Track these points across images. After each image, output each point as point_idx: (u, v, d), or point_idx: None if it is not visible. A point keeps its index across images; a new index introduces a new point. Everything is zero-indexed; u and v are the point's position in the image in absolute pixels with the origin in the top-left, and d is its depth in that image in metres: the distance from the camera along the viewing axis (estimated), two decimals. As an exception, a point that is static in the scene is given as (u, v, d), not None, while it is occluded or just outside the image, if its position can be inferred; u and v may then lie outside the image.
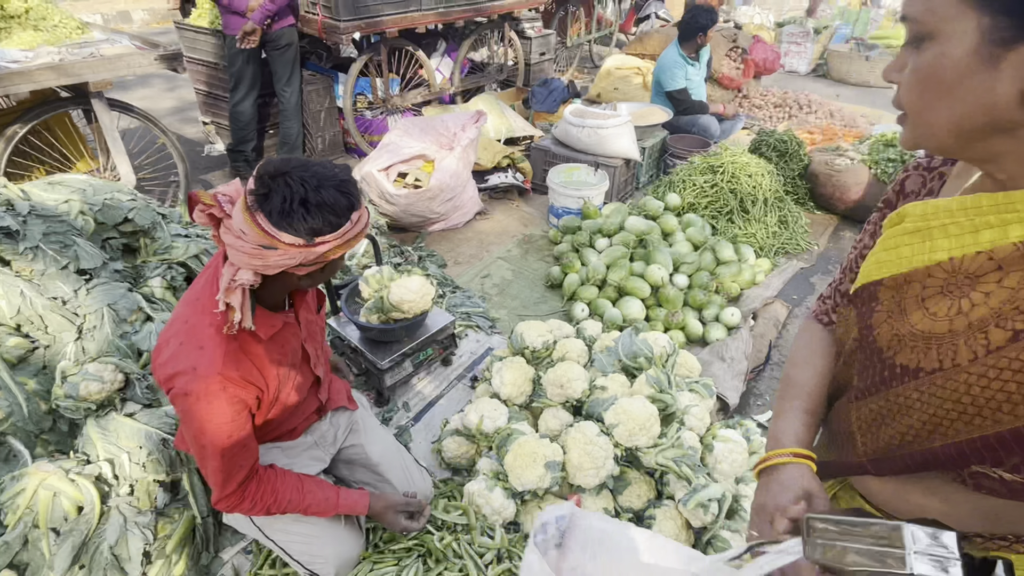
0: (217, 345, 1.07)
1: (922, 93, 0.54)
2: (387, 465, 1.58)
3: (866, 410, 0.68)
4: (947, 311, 0.59)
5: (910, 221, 0.62)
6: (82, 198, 2.00)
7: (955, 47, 0.51)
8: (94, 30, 2.98)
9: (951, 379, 0.57)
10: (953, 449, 0.58)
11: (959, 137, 0.54)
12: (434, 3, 3.90)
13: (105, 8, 8.74)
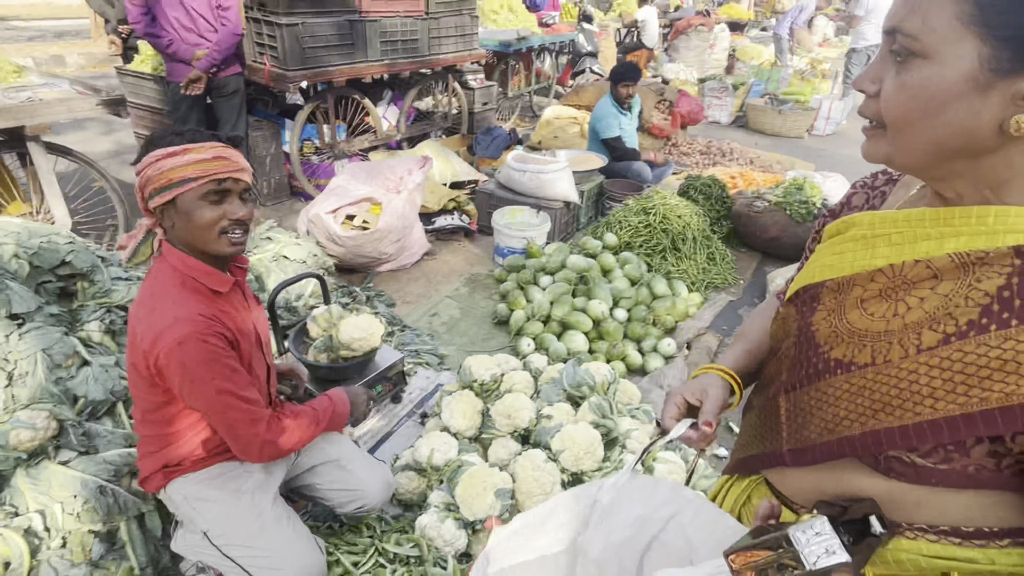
0: (188, 299, 1.22)
1: (908, 110, 0.56)
2: (348, 458, 1.62)
3: (796, 401, 0.70)
4: (884, 312, 0.62)
5: (857, 229, 0.66)
6: (16, 241, 1.95)
7: (950, 70, 0.52)
8: (31, 74, 2.94)
9: (881, 373, 0.60)
10: (871, 437, 0.60)
11: (934, 156, 0.57)
12: (380, 55, 4.07)
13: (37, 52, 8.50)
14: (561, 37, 7.28)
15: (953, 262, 0.57)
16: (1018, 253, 0.54)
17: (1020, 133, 0.52)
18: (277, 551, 1.41)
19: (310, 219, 3.06)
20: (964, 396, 0.54)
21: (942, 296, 0.58)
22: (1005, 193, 0.57)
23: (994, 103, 0.52)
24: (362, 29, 3.87)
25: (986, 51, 0.51)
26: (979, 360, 0.54)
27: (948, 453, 0.57)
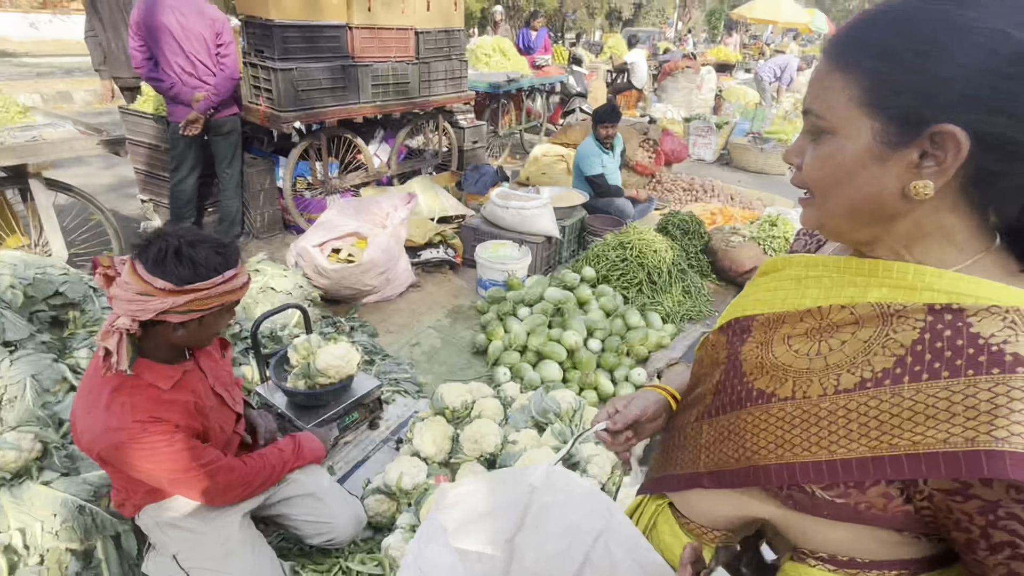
0: (122, 403, 1.22)
1: (823, 179, 0.61)
2: (323, 492, 1.69)
3: (718, 426, 0.73)
4: (808, 351, 0.65)
5: (792, 269, 0.71)
6: (12, 272, 2.07)
7: (852, 143, 0.58)
8: (36, 114, 3.11)
9: (800, 407, 0.62)
10: (787, 469, 0.63)
11: (851, 220, 0.62)
12: (371, 96, 4.27)
13: (45, 89, 8.80)
14: (551, 79, 7.58)
15: (874, 311, 0.61)
16: (931, 310, 0.57)
17: (919, 197, 0.56)
18: (240, 575, 1.48)
19: (298, 252, 3.19)
20: (876, 440, 0.56)
21: (862, 342, 0.60)
22: (918, 253, 0.61)
23: (892, 172, 0.57)
24: (354, 73, 4.09)
25: (877, 127, 0.56)
26: (892, 408, 0.56)
27: (847, 489, 0.59)
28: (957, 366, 0.53)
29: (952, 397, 0.53)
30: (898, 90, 0.55)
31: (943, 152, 0.54)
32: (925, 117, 0.54)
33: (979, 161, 0.54)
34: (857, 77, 0.57)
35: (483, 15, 20.29)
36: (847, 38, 0.59)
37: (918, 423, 0.54)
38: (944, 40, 0.53)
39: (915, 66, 0.54)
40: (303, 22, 3.70)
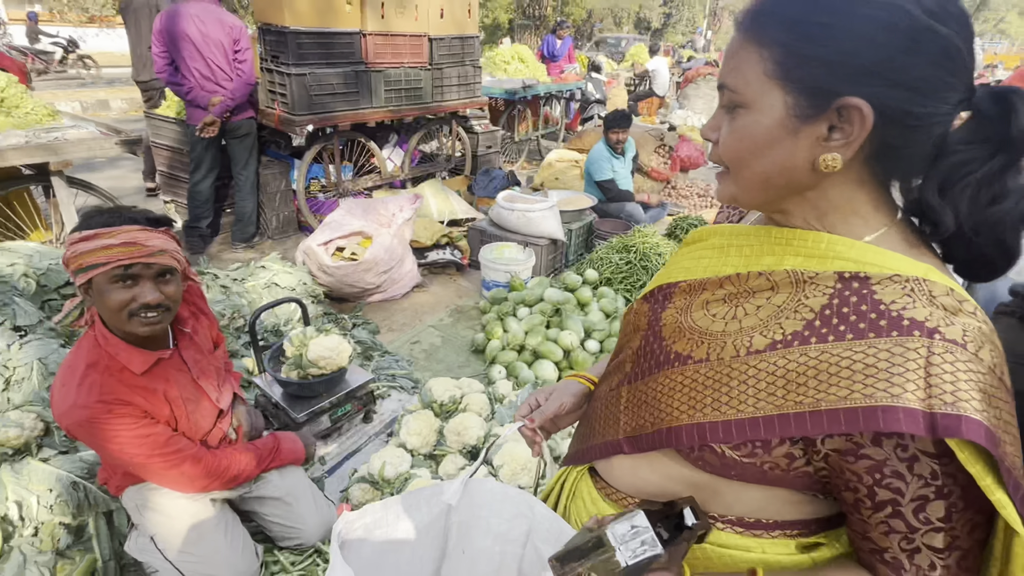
0: (93, 381, 1.28)
1: (738, 152, 0.62)
2: (295, 496, 1.72)
3: (637, 391, 0.74)
4: (725, 315, 0.67)
5: (715, 238, 0.72)
6: (27, 263, 2.19)
7: (765, 116, 0.59)
8: (65, 118, 3.28)
9: (713, 369, 0.64)
10: (697, 429, 0.64)
11: (765, 192, 0.64)
12: (384, 101, 4.37)
13: (85, 97, 9.23)
14: (568, 86, 7.62)
15: (789, 278, 0.63)
16: (840, 278, 0.60)
17: (828, 169, 0.58)
18: (212, 559, 1.53)
19: (304, 251, 3.27)
20: (782, 399, 0.58)
21: (775, 307, 0.63)
22: (828, 224, 0.64)
23: (804, 144, 0.59)
24: (367, 78, 4.19)
25: (790, 100, 0.58)
26: (798, 368, 0.58)
27: (754, 448, 0.61)
28: (860, 329, 0.56)
29: (854, 357, 0.55)
30: (807, 62, 0.56)
31: (850, 125, 0.56)
32: (832, 89, 0.55)
33: (881, 135, 0.56)
34: (770, 50, 0.58)
35: (511, 24, 20.54)
36: (759, 11, 0.60)
37: (821, 381, 0.56)
38: (847, 11, 0.54)
39: (821, 38, 0.55)
40: (317, 29, 3.82)
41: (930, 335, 0.53)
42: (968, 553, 0.56)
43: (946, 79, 0.55)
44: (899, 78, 0.54)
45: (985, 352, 0.53)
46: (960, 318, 0.54)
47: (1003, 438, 0.51)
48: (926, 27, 0.53)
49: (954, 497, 0.54)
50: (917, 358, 0.52)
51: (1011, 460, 0.51)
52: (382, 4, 4.10)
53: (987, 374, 0.52)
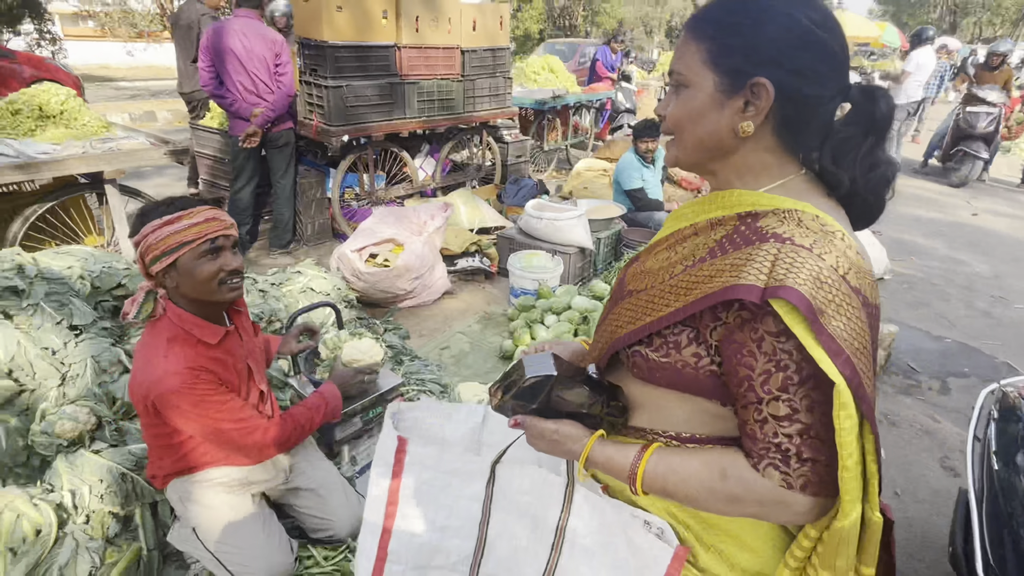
0: (177, 352, 1.38)
1: (681, 120, 0.79)
2: (328, 489, 1.79)
3: (602, 327, 0.92)
4: (664, 258, 0.85)
5: (677, 212, 0.91)
6: (83, 265, 2.32)
7: (701, 92, 0.77)
8: (118, 129, 3.47)
9: (648, 294, 0.82)
10: (629, 335, 0.81)
11: (699, 152, 0.81)
12: (417, 112, 4.48)
13: (133, 108, 9.66)
14: (598, 96, 7.65)
15: (707, 224, 0.81)
16: (739, 217, 0.78)
17: (744, 134, 0.77)
18: (250, 550, 1.60)
19: (339, 257, 3.37)
20: (682, 299, 0.76)
21: (695, 244, 0.81)
22: (743, 183, 0.81)
23: (727, 115, 0.76)
24: (401, 90, 4.30)
25: (717, 80, 0.76)
26: (697, 276, 0.75)
27: (668, 349, 0.78)
28: (739, 245, 0.74)
29: (731, 260, 0.72)
30: (729, 52, 0.75)
31: (758, 100, 0.74)
32: (746, 71, 0.74)
33: (783, 110, 0.75)
34: (704, 43, 0.77)
35: (541, 35, 20.71)
36: (699, 15, 0.79)
37: (710, 278, 0.73)
38: (757, 16, 0.74)
39: (739, 34, 0.74)
40: (355, 43, 3.95)
41: (782, 241, 0.70)
42: (809, 428, 0.69)
43: (825, 71, 0.74)
44: (792, 67, 0.73)
45: (831, 258, 0.68)
46: (820, 237, 0.70)
47: (830, 312, 0.65)
48: (812, 32, 0.72)
49: (790, 371, 0.69)
50: (766, 255, 0.69)
51: (836, 329, 0.65)
52: (416, 18, 4.22)
53: (829, 271, 0.67)
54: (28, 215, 2.85)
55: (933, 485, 2.39)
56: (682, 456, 0.79)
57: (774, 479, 0.70)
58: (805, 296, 0.65)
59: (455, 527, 1.01)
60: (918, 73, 7.37)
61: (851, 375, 0.65)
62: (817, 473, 0.69)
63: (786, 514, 0.72)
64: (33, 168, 2.67)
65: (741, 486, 0.72)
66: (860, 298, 0.69)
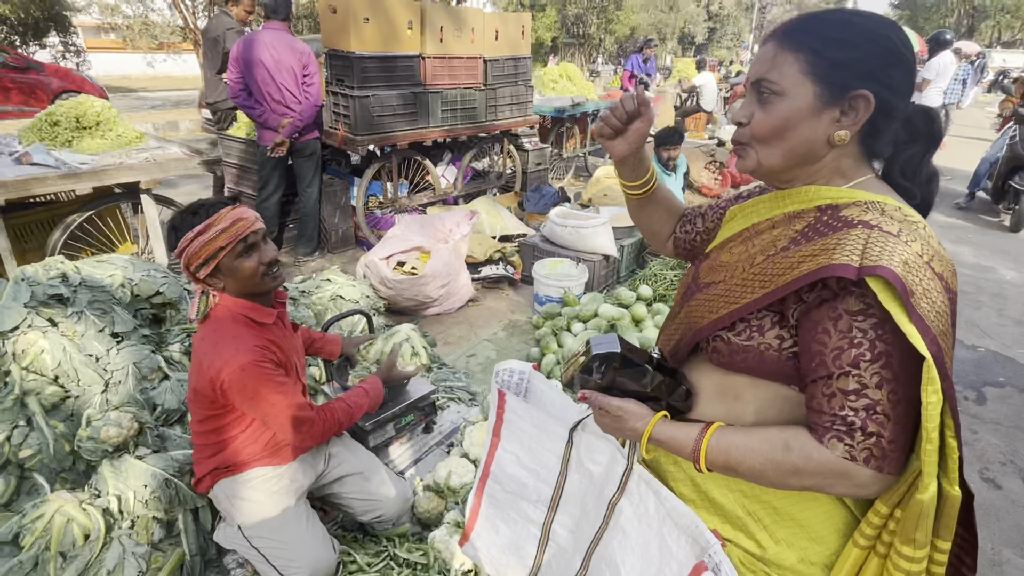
0: (243, 333, 1.47)
1: (775, 128, 0.81)
2: (370, 472, 1.83)
3: (677, 320, 0.95)
4: (740, 252, 0.88)
5: (739, 212, 0.94)
6: (124, 273, 2.36)
7: (799, 101, 0.79)
8: (150, 139, 3.53)
9: (724, 283, 0.86)
10: (711, 324, 0.84)
11: (786, 160, 0.82)
12: (440, 121, 4.52)
13: (156, 118, 9.84)
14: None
15: (784, 217, 0.85)
16: (819, 209, 0.81)
17: (840, 142, 0.80)
18: (294, 546, 1.62)
19: (366, 264, 3.40)
20: (769, 285, 0.78)
21: (774, 235, 0.84)
22: (818, 181, 0.84)
23: (824, 123, 0.80)
24: (425, 99, 4.34)
25: (817, 90, 0.79)
26: (782, 263, 0.78)
27: (751, 332, 0.81)
28: (825, 232, 0.77)
29: (819, 245, 0.75)
30: (836, 65, 0.78)
31: (856, 110, 0.78)
32: (848, 84, 0.78)
33: (872, 119, 0.79)
34: (805, 54, 0.79)
35: (554, 43, 20.80)
36: (797, 28, 0.81)
37: (795, 265, 0.76)
38: (862, 34, 0.78)
39: (846, 49, 0.78)
40: (381, 53, 4.00)
41: (870, 228, 0.73)
42: (876, 404, 0.71)
43: (908, 87, 0.80)
44: (887, 81, 0.78)
45: (917, 245, 0.72)
46: (905, 226, 0.74)
47: (919, 294, 0.68)
48: (901, 51, 0.78)
49: (863, 348, 0.71)
50: (857, 239, 0.72)
51: (924, 310, 0.68)
52: (441, 28, 4.26)
53: (915, 257, 0.70)
54: (68, 223, 2.92)
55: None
56: (745, 432, 0.82)
57: (838, 450, 0.72)
58: (899, 276, 0.68)
59: (540, 472, 1.14)
60: (939, 80, 7.31)
61: (937, 353, 0.67)
62: (880, 448, 0.71)
63: (848, 486, 0.74)
64: (76, 178, 2.73)
65: (804, 457, 0.74)
66: (942, 283, 0.72)
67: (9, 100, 8.54)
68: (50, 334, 2.01)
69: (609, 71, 16.02)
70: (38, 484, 1.82)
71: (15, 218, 2.93)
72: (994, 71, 20.54)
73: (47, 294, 2.09)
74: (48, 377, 1.96)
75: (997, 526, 2.21)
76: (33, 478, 1.83)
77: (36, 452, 1.82)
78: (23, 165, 2.81)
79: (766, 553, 0.86)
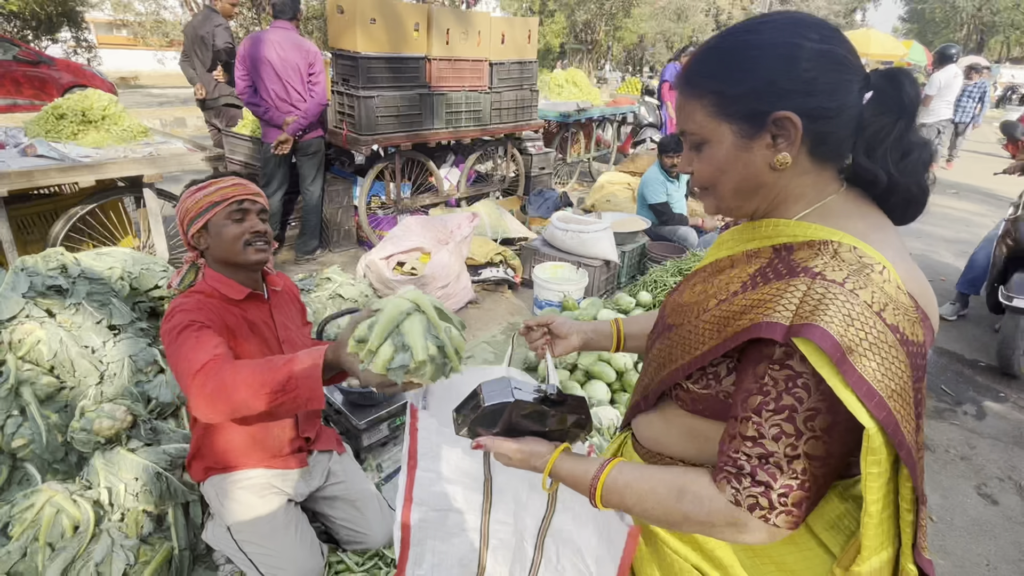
0: (198, 299, 1.48)
1: (712, 175, 0.79)
2: (364, 502, 1.79)
3: (648, 360, 0.93)
4: (700, 290, 0.85)
5: (717, 240, 0.92)
6: (123, 266, 2.37)
7: (722, 144, 0.76)
8: (155, 134, 3.55)
9: (685, 330, 0.82)
10: (672, 374, 0.82)
11: (739, 198, 0.80)
12: (445, 123, 4.53)
13: (164, 115, 9.90)
14: (621, 109, 7.67)
15: (744, 255, 0.82)
16: (774, 249, 0.78)
17: (783, 166, 0.75)
18: (282, 552, 1.61)
19: (366, 264, 3.40)
20: (718, 334, 0.75)
21: (729, 277, 0.81)
22: (780, 211, 0.80)
23: (758, 155, 0.75)
24: (430, 101, 4.36)
25: (734, 128, 0.75)
26: (732, 310, 0.74)
27: (708, 380, 0.78)
28: (771, 279, 0.73)
29: (760, 295, 0.72)
30: (736, 100, 0.74)
31: (787, 131, 0.73)
32: (763, 110, 0.73)
33: (813, 130, 0.73)
34: (706, 97, 0.77)
35: (562, 48, 20.87)
36: (690, 72, 0.79)
37: (741, 314, 0.73)
38: (753, 56, 0.73)
39: (741, 81, 0.74)
40: (387, 54, 4.02)
41: (813, 276, 0.68)
42: (769, 456, 0.69)
43: (841, 79, 0.72)
44: (809, 88, 0.71)
45: (866, 294, 0.65)
46: (855, 270, 0.67)
47: (861, 352, 0.63)
48: (817, 50, 0.71)
49: (769, 397, 0.69)
50: (795, 291, 0.68)
51: (868, 370, 0.63)
52: (447, 30, 4.28)
53: (862, 308, 0.64)
54: (70, 216, 2.93)
55: (971, 513, 2.33)
56: (643, 471, 0.81)
57: (726, 492, 0.72)
58: (831, 335, 0.63)
59: (463, 481, 1.12)
60: (945, 93, 7.30)
61: (886, 418, 0.62)
62: (768, 498, 0.69)
63: (735, 534, 0.72)
64: (78, 170, 2.75)
65: (696, 504, 0.74)
66: (898, 336, 0.65)
67: (20, 94, 8.60)
68: (47, 324, 2.01)
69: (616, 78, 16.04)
70: (29, 474, 1.82)
71: (18, 209, 2.95)
72: (1003, 86, 20.56)
73: (46, 285, 2.09)
74: (44, 367, 1.97)
75: (994, 543, 2.18)
76: (24, 468, 1.83)
77: (28, 442, 1.82)
78: (28, 157, 2.82)
79: None
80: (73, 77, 9.13)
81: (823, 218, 0.76)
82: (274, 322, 1.64)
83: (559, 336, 1.19)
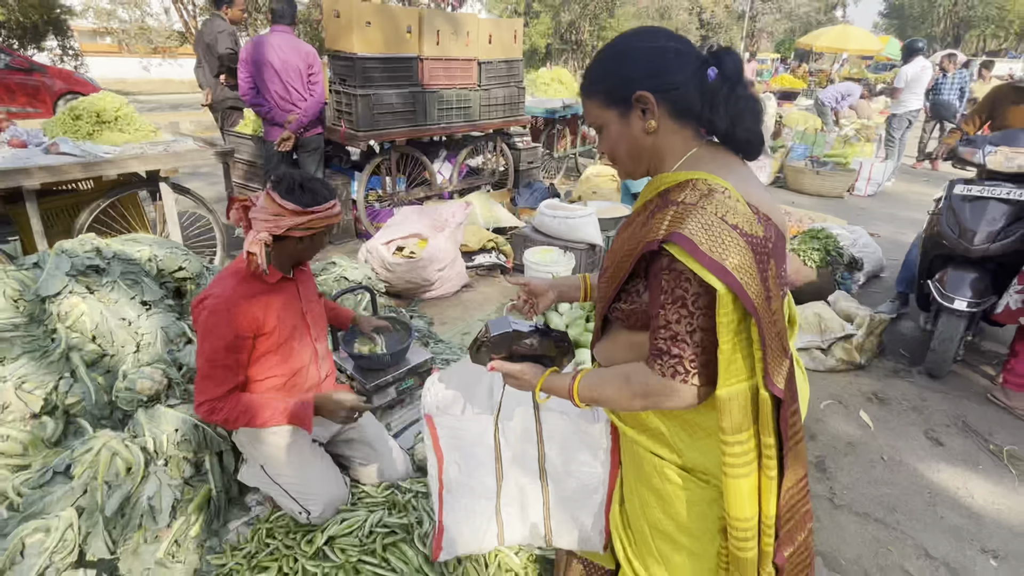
0: (234, 285, 1.63)
1: (613, 148, 1.07)
2: (380, 443, 2.04)
3: (598, 298, 1.17)
4: (625, 237, 1.07)
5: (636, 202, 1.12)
6: (151, 250, 2.60)
7: (612, 124, 1.04)
8: (165, 133, 3.77)
9: (611, 267, 1.07)
10: (606, 301, 1.08)
11: (634, 162, 1.07)
12: (437, 119, 4.78)
13: (158, 119, 10.05)
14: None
15: (644, 205, 1.06)
16: (659, 195, 1.02)
17: (652, 130, 1.02)
18: (311, 482, 1.85)
19: (368, 250, 3.64)
20: (628, 260, 1.01)
21: (638, 220, 1.04)
22: (663, 167, 1.06)
23: (634, 126, 1.03)
24: (423, 98, 4.61)
25: (615, 111, 1.04)
26: (633, 242, 1.00)
27: (632, 297, 1.04)
28: (655, 213, 0.98)
29: (648, 226, 0.97)
30: (612, 91, 1.03)
31: (645, 103, 1.01)
32: (626, 94, 1.01)
33: (668, 100, 1.00)
34: (595, 97, 1.06)
35: (547, 49, 21.15)
36: (585, 82, 1.08)
37: (640, 241, 0.97)
38: (614, 59, 1.04)
39: (610, 78, 1.04)
40: (381, 55, 4.26)
41: (677, 204, 0.94)
42: (676, 336, 0.93)
43: (680, 62, 0.99)
44: (650, 71, 1.00)
45: (711, 206, 0.90)
46: (704, 195, 0.92)
47: (708, 243, 0.87)
48: (647, 47, 1.00)
49: (665, 295, 0.93)
50: (667, 215, 0.94)
51: (715, 253, 0.87)
52: (438, 31, 4.53)
53: (710, 216, 0.89)
54: (93, 208, 3.15)
55: (918, 452, 2.61)
56: (602, 372, 1.08)
57: (655, 369, 0.96)
58: (686, 235, 0.88)
59: (479, 470, 1.37)
60: (913, 86, 7.64)
61: (731, 282, 0.86)
62: (683, 365, 0.94)
63: (672, 399, 0.97)
64: (101, 166, 2.97)
65: (639, 383, 0.99)
66: (738, 231, 0.90)
67: (14, 101, 8.75)
68: (88, 299, 2.24)
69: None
70: (82, 428, 2.04)
71: (43, 203, 3.16)
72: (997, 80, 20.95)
73: (84, 265, 2.32)
74: (87, 336, 2.20)
75: (936, 476, 2.47)
76: (77, 422, 2.05)
77: (79, 400, 2.06)
78: (51, 154, 3.04)
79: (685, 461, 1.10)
80: (65, 84, 9.28)
81: (690, 166, 1.02)
82: (300, 296, 1.87)
83: (538, 294, 1.42)
